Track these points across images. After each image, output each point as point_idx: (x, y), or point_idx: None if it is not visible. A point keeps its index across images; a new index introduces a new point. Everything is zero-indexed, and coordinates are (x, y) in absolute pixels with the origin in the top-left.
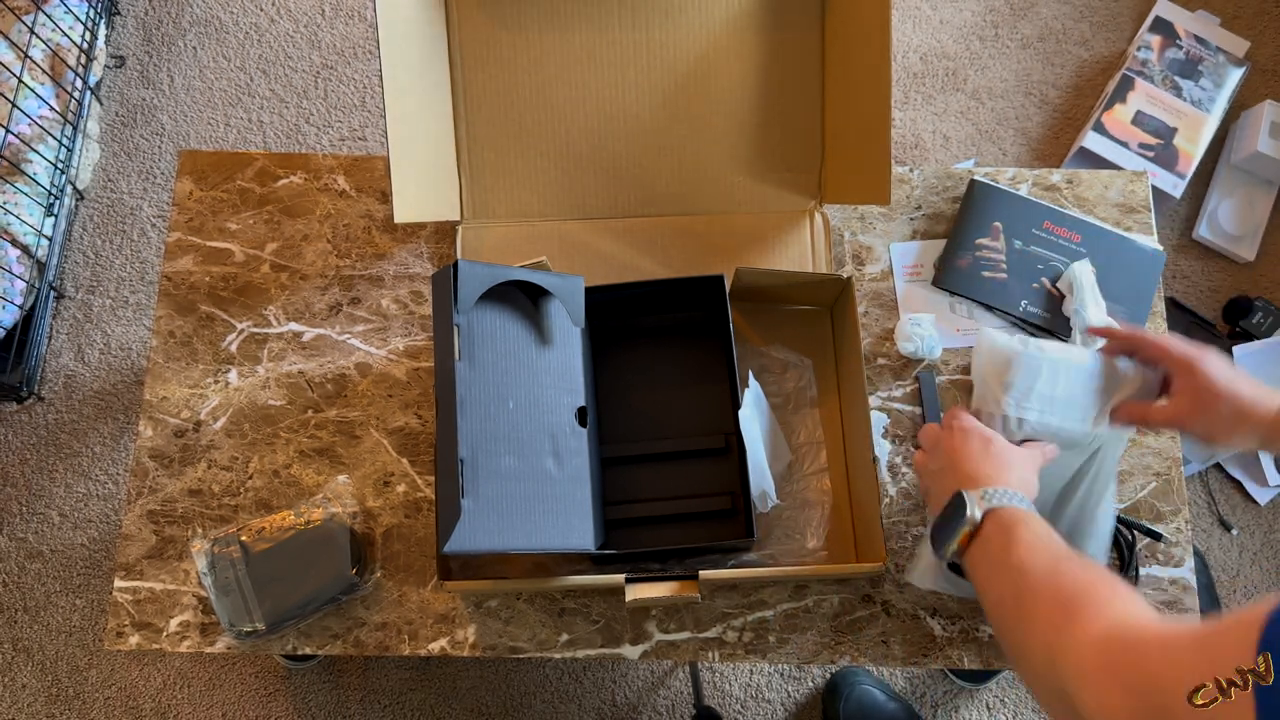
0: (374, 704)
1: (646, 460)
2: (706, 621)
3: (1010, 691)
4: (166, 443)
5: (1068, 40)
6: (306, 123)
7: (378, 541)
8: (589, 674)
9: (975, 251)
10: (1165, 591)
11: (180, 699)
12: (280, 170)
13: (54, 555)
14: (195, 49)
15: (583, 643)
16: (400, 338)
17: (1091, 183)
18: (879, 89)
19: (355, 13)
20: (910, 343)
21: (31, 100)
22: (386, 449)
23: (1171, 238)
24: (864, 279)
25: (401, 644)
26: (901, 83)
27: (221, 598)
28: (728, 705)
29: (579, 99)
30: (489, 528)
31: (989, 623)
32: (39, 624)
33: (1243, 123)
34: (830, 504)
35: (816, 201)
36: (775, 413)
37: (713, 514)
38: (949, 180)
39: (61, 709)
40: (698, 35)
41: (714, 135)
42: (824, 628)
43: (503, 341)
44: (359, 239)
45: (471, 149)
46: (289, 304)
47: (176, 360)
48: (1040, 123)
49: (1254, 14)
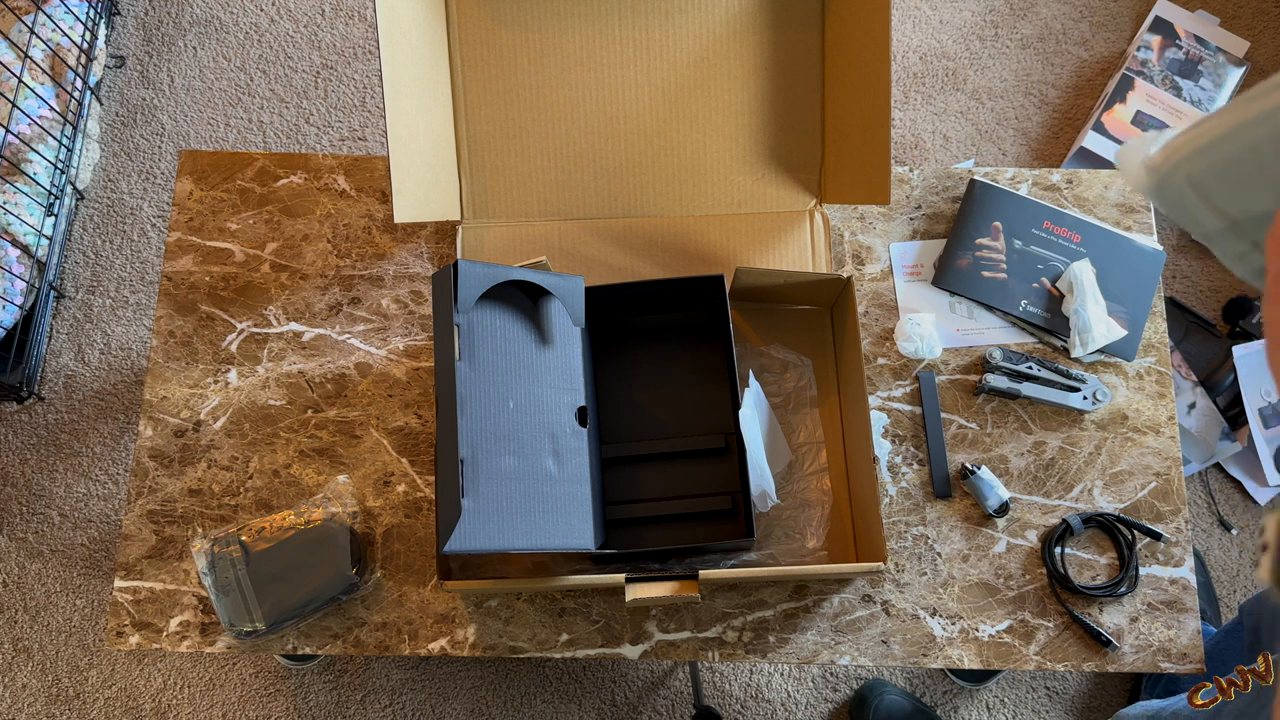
0: (374, 704)
1: (647, 460)
2: (706, 621)
3: (1010, 691)
4: (166, 443)
5: (1067, 40)
6: (306, 123)
7: (378, 541)
8: (589, 674)
9: (975, 251)
10: (1165, 591)
11: (180, 699)
12: (280, 170)
13: (54, 555)
14: (195, 49)
15: (583, 642)
16: (400, 338)
17: (1091, 183)
18: (879, 89)
19: (355, 13)
20: (910, 343)
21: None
22: (386, 449)
23: (1171, 238)
24: (864, 279)
25: (401, 644)
26: (901, 83)
27: (221, 597)
28: (728, 705)
29: (579, 99)
30: (489, 528)
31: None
32: (39, 624)
33: None
34: (830, 504)
35: (816, 201)
36: (775, 413)
37: (713, 514)
38: (949, 180)
39: (61, 709)
40: (698, 35)
41: (714, 135)
42: (824, 627)
43: (503, 341)
44: (359, 239)
45: (471, 149)
46: (289, 304)
47: (176, 360)
48: (1040, 123)
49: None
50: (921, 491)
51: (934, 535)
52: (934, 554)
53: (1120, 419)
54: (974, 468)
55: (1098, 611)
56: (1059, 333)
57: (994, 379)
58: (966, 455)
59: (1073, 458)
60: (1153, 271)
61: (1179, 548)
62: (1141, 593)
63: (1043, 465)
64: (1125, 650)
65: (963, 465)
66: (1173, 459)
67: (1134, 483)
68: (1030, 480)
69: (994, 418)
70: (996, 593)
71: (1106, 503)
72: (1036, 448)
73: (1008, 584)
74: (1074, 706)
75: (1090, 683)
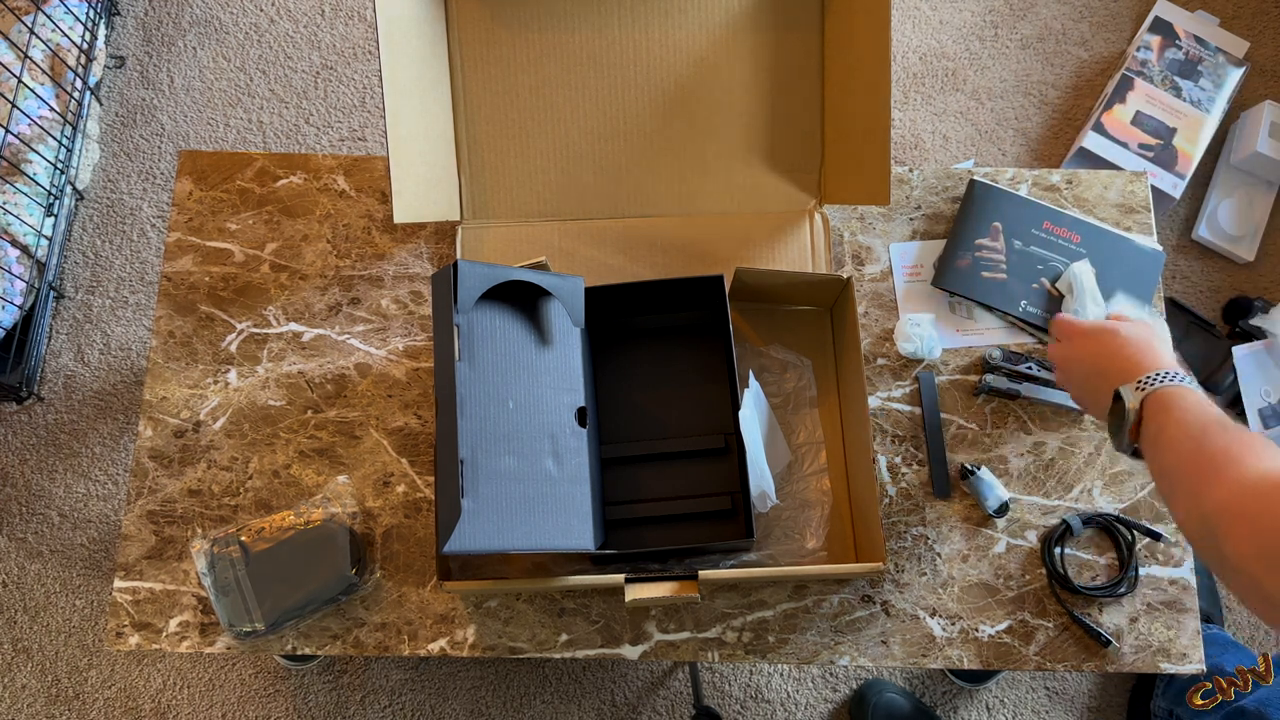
0: (374, 704)
1: (646, 460)
2: (706, 621)
3: (1010, 691)
4: (166, 443)
5: (1067, 40)
6: (306, 123)
7: (377, 541)
8: (589, 674)
9: (975, 252)
10: (1165, 592)
11: (180, 699)
12: (280, 170)
13: (54, 555)
14: (195, 49)
15: (582, 643)
16: (400, 338)
17: (1091, 183)
18: (879, 89)
19: (355, 13)
20: (910, 343)
21: (31, 100)
22: (386, 449)
23: (1171, 238)
24: (864, 279)
25: (401, 644)
26: (901, 83)
27: (221, 598)
28: (728, 705)
29: (579, 99)
30: (489, 528)
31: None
32: (39, 624)
33: (1242, 123)
34: (830, 504)
35: (816, 201)
36: (775, 413)
37: (712, 514)
38: (948, 180)
39: (61, 709)
40: (698, 35)
41: (714, 135)
42: (824, 628)
43: (503, 341)
44: (359, 239)
45: (471, 149)
46: (289, 304)
47: (176, 360)
48: (1040, 123)
49: (1253, 14)
50: (921, 492)
51: (934, 536)
52: (934, 554)
53: None
54: (974, 468)
55: (1097, 612)
56: None
57: (994, 379)
58: (966, 455)
59: (1072, 458)
60: (1152, 272)
61: (1179, 548)
62: (1141, 593)
63: (1042, 465)
64: (1125, 650)
65: (962, 465)
66: None
67: (1134, 483)
68: (1030, 480)
69: (994, 418)
70: (996, 593)
71: (1106, 503)
72: (1036, 448)
73: (1007, 584)
74: (1074, 706)
75: (1090, 683)
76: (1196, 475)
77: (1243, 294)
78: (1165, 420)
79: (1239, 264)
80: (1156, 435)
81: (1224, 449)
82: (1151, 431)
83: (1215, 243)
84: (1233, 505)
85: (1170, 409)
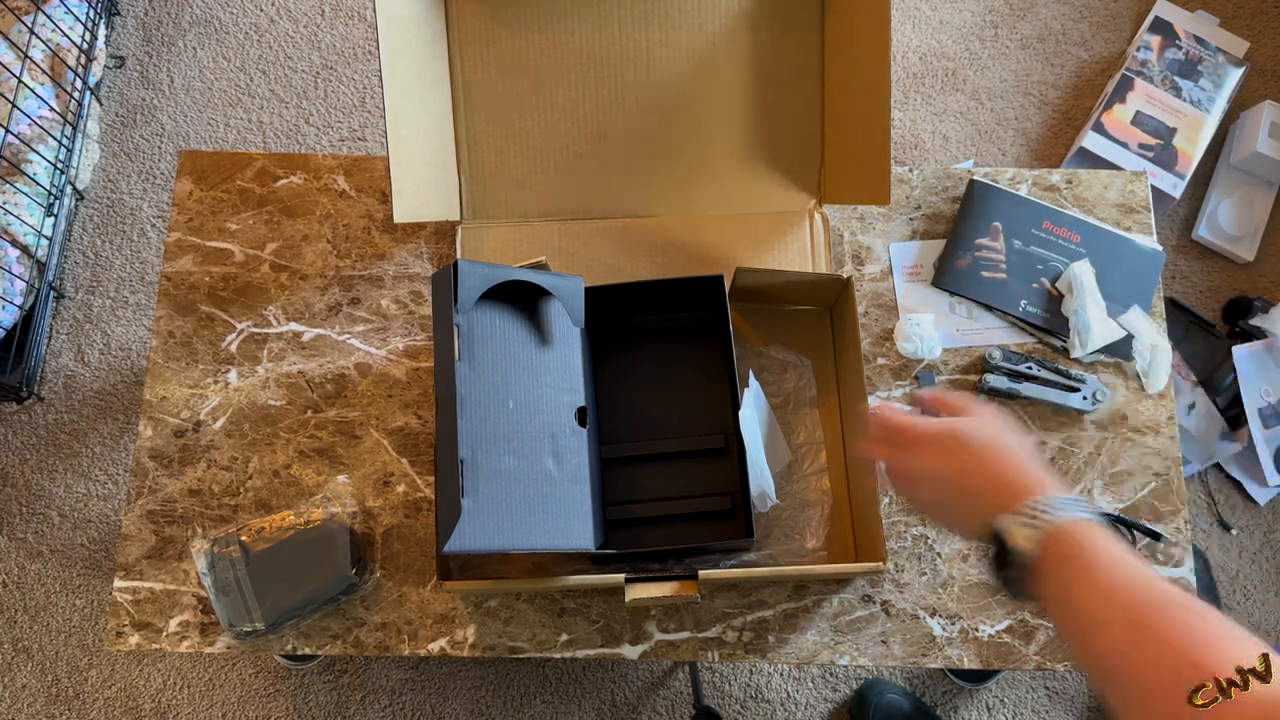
0: (374, 704)
1: (646, 460)
2: (706, 621)
3: (1010, 691)
4: (166, 443)
5: (1067, 40)
6: (306, 123)
7: (377, 541)
8: (589, 674)
9: (975, 252)
10: None
11: (180, 699)
12: (280, 170)
13: (54, 555)
14: (195, 49)
15: (582, 643)
16: (400, 338)
17: (1091, 183)
18: (878, 89)
19: (355, 13)
20: (910, 343)
21: (31, 100)
22: (386, 449)
23: (1171, 238)
24: (864, 279)
25: (401, 644)
26: (901, 83)
27: (221, 598)
28: (728, 705)
29: (579, 99)
30: (489, 528)
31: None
32: (39, 624)
33: (1242, 123)
34: (830, 504)
35: (816, 201)
36: (775, 413)
37: (712, 514)
38: (948, 180)
39: (61, 709)
40: (698, 35)
41: (713, 135)
42: (824, 628)
43: (503, 341)
44: (359, 239)
45: (471, 149)
46: (289, 304)
47: (176, 360)
48: (1040, 123)
49: (1253, 14)
50: None
51: (934, 535)
52: (934, 554)
53: (1120, 419)
54: None
55: None
56: (1059, 333)
57: (994, 379)
58: None
59: (1072, 458)
60: (1152, 272)
61: (1179, 548)
62: None
63: None
64: None
65: None
66: (1172, 459)
67: (1134, 483)
68: None
69: None
70: (996, 592)
71: (1106, 503)
72: (1036, 448)
73: None
74: (1074, 706)
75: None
76: (1157, 677)
77: (1243, 294)
78: (1072, 577)
79: (1239, 264)
80: (1063, 594)
81: (1190, 640)
82: (1055, 588)
83: (1215, 243)
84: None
85: (1074, 559)
